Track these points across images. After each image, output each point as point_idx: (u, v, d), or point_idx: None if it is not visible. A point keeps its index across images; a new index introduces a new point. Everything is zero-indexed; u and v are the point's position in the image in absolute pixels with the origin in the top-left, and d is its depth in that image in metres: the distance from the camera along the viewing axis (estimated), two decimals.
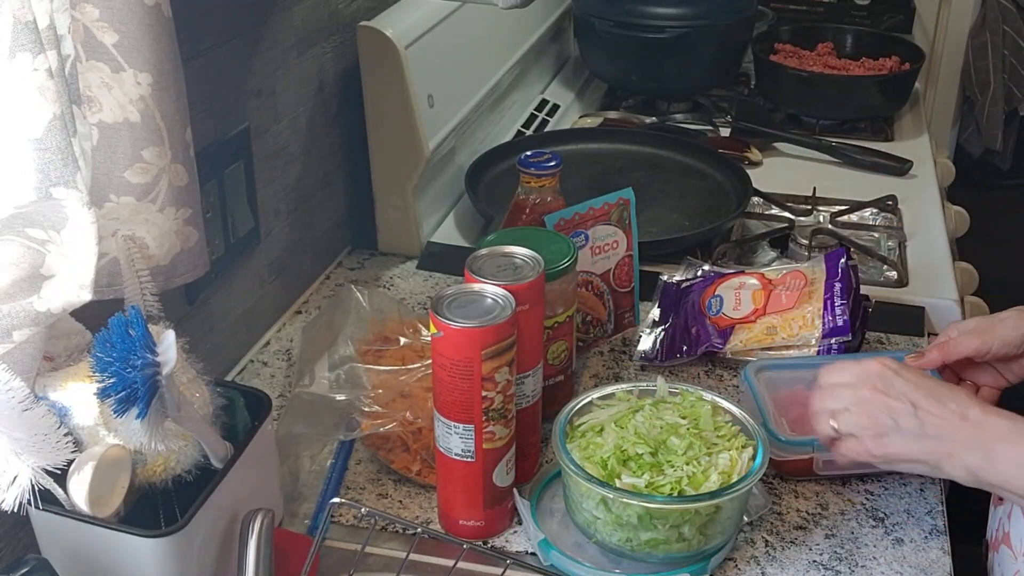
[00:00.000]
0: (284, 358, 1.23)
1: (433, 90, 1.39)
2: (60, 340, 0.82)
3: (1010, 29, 2.70)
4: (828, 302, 1.16)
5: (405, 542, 0.95)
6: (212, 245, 1.08)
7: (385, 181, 1.40)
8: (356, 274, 1.41)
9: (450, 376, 0.88)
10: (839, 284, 1.16)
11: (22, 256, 0.72)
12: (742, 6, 1.89)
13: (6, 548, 0.86)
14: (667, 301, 1.26)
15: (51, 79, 0.70)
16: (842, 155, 1.71)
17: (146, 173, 0.81)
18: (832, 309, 1.15)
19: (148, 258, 0.83)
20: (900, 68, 1.89)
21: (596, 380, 1.18)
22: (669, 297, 1.27)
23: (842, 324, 1.14)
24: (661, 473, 0.89)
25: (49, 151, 0.71)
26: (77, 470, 0.76)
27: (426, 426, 1.02)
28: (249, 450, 0.85)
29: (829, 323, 1.14)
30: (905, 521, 0.99)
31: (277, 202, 1.24)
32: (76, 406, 0.78)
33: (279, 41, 1.19)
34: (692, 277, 1.30)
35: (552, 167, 1.15)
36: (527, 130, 1.78)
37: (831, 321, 1.14)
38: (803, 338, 1.15)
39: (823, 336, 1.14)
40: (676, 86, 1.92)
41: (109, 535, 0.77)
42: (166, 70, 0.79)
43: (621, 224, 1.19)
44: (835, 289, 1.16)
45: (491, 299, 0.90)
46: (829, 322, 1.14)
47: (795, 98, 1.86)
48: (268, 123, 1.20)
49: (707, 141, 1.74)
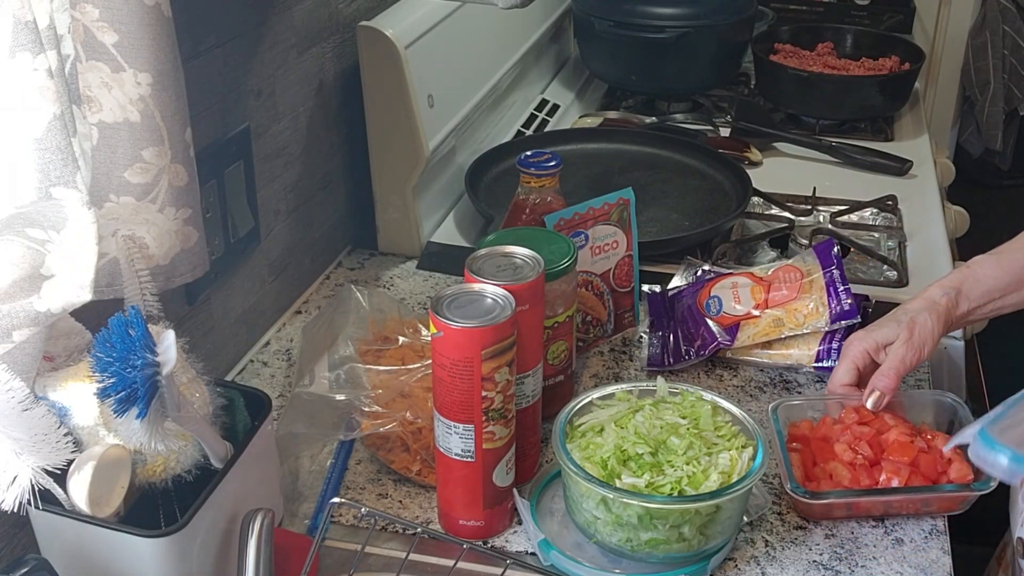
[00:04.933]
0: (284, 358, 1.23)
1: (433, 90, 1.39)
2: (60, 340, 0.82)
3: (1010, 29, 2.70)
4: (830, 288, 1.16)
5: (405, 542, 0.95)
6: (212, 245, 1.08)
7: (385, 181, 1.40)
8: (356, 274, 1.41)
9: (450, 376, 0.88)
10: (836, 271, 1.18)
11: (22, 256, 0.72)
12: (742, 6, 1.89)
13: (6, 548, 0.86)
14: (656, 309, 1.26)
15: (51, 79, 0.70)
16: (842, 155, 1.71)
17: (146, 173, 0.81)
18: (836, 295, 1.16)
19: (148, 258, 0.83)
20: (900, 68, 1.89)
21: (596, 380, 1.18)
22: (656, 306, 1.26)
23: (849, 308, 1.14)
24: (661, 473, 0.89)
25: (49, 151, 0.71)
26: (77, 470, 0.76)
27: (426, 426, 1.02)
28: (249, 450, 0.85)
29: (835, 308, 1.15)
30: (905, 521, 0.99)
31: (277, 202, 1.24)
32: (76, 406, 0.78)
33: (279, 41, 1.19)
34: (679, 285, 1.30)
35: (552, 167, 1.15)
36: (527, 130, 1.78)
37: (837, 306, 1.15)
38: (811, 326, 1.16)
39: (831, 321, 1.15)
40: (676, 86, 1.92)
41: (109, 535, 0.77)
42: (166, 70, 0.79)
43: (621, 224, 1.19)
44: (834, 275, 1.18)
45: (491, 299, 0.90)
46: (835, 307, 1.15)
47: (795, 98, 1.86)
48: (268, 123, 1.20)
49: (707, 141, 1.74)
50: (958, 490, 0.97)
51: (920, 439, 1.01)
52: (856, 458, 0.99)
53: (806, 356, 1.18)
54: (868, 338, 1.06)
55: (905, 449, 0.99)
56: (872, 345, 1.06)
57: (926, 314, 1.04)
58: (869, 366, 1.06)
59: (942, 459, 0.99)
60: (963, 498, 0.98)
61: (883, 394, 1.02)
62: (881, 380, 1.03)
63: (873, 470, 0.98)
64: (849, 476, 0.98)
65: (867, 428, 1.01)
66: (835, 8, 2.34)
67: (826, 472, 0.99)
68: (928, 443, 1.01)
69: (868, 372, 1.06)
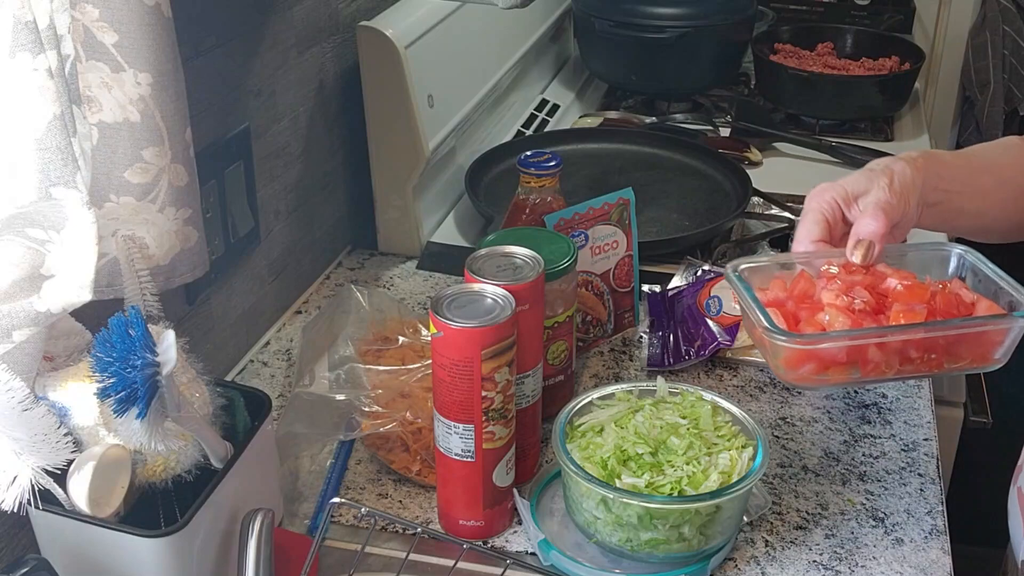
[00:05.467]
0: (284, 358, 1.23)
1: (433, 90, 1.39)
2: (60, 340, 0.82)
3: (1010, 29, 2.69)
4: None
5: (405, 542, 0.95)
6: (212, 245, 1.08)
7: (385, 181, 1.40)
8: (356, 274, 1.41)
9: (450, 376, 0.88)
10: None
11: (22, 256, 0.72)
12: (742, 6, 1.89)
13: (6, 548, 0.86)
14: (656, 309, 1.26)
15: (51, 79, 0.70)
16: (842, 155, 1.71)
17: (146, 173, 0.81)
18: None
19: (148, 258, 0.83)
20: (900, 68, 1.89)
21: (596, 380, 1.18)
22: (657, 305, 1.26)
23: None
24: (661, 473, 0.89)
25: (49, 151, 0.71)
26: (77, 470, 0.76)
27: (426, 426, 1.02)
28: (249, 450, 0.85)
29: None
30: (905, 521, 0.99)
31: (277, 202, 1.24)
32: (76, 406, 0.78)
33: (279, 41, 1.19)
34: (679, 285, 1.29)
35: (552, 167, 1.15)
36: (527, 130, 1.78)
37: None
38: None
39: None
40: (676, 86, 1.92)
41: (109, 535, 0.77)
42: (166, 70, 0.79)
43: (621, 224, 1.19)
44: None
45: (491, 299, 0.90)
46: None
47: (795, 98, 1.86)
48: (268, 123, 1.20)
49: (707, 141, 1.74)
50: (998, 321, 0.75)
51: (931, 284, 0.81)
52: (853, 303, 0.77)
53: None
54: (838, 186, 0.86)
55: (915, 292, 0.77)
56: (842, 193, 0.86)
57: (903, 163, 0.86)
58: (839, 224, 0.86)
59: (963, 302, 0.78)
60: (1005, 333, 0.74)
61: (872, 242, 0.81)
62: (867, 224, 0.82)
63: (879, 318, 0.78)
64: (849, 321, 0.77)
65: (860, 277, 0.80)
66: (835, 8, 2.34)
67: (815, 325, 0.77)
68: (944, 285, 0.80)
69: (839, 234, 0.86)
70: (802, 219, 0.85)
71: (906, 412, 1.13)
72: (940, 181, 0.88)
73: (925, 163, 0.87)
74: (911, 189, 0.84)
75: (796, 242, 0.85)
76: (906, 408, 1.14)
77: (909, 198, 0.83)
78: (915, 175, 0.85)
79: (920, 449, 1.08)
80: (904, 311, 0.75)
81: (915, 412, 1.13)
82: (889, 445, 1.08)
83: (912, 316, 0.75)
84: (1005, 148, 0.99)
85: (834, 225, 0.85)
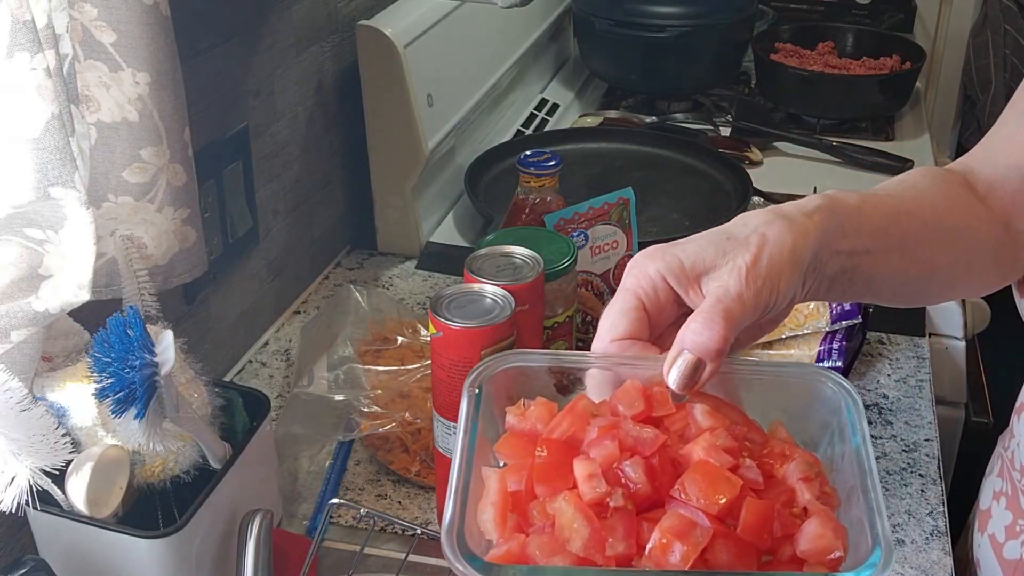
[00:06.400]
0: (283, 358, 1.23)
1: (432, 89, 1.38)
2: (58, 340, 0.82)
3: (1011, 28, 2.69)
4: None
5: (404, 543, 0.95)
6: (210, 245, 1.08)
7: (384, 181, 1.40)
8: (355, 274, 1.41)
9: (449, 376, 0.88)
10: None
11: (20, 256, 0.72)
12: (742, 5, 1.88)
13: (4, 549, 0.86)
14: None
15: (49, 78, 0.70)
16: (843, 155, 1.71)
17: (144, 173, 0.81)
18: None
19: (146, 258, 0.83)
20: (901, 67, 1.88)
21: None
22: None
23: (849, 308, 1.14)
24: None
25: (47, 151, 0.71)
26: (75, 470, 0.76)
27: (425, 426, 1.02)
28: (248, 451, 0.85)
29: (836, 308, 1.15)
30: (905, 521, 0.99)
31: (276, 202, 1.24)
32: (74, 406, 0.78)
33: (278, 40, 1.19)
34: None
35: (552, 167, 1.15)
36: (527, 130, 1.78)
37: (837, 306, 1.15)
38: (811, 326, 1.16)
39: (832, 321, 1.15)
40: (676, 85, 1.91)
41: (107, 536, 0.77)
42: (164, 69, 0.79)
43: (621, 224, 1.18)
44: None
45: (490, 299, 0.89)
46: (836, 307, 1.15)
47: (795, 98, 1.86)
48: (267, 122, 1.19)
49: (707, 141, 1.73)
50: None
51: (753, 461, 0.52)
52: (613, 495, 0.49)
53: (806, 357, 1.17)
54: (670, 255, 0.60)
55: (717, 482, 0.49)
56: (675, 267, 0.59)
57: (784, 225, 0.60)
58: (668, 309, 0.60)
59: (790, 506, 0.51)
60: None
61: (700, 361, 0.55)
62: (695, 332, 0.56)
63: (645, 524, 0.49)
64: (585, 534, 0.48)
65: (652, 432, 0.52)
66: (836, 7, 2.34)
67: (547, 515, 0.50)
68: (768, 469, 0.53)
69: (668, 321, 0.60)
70: (612, 302, 0.59)
71: (907, 413, 1.13)
72: (845, 240, 0.63)
73: (823, 219, 0.62)
74: (787, 267, 0.59)
75: (597, 336, 0.59)
76: (907, 408, 1.14)
77: (779, 281, 0.58)
78: (800, 242, 0.60)
79: (921, 450, 1.08)
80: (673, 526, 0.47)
81: (916, 413, 1.13)
82: (890, 446, 1.08)
83: (684, 533, 0.47)
84: (928, 181, 0.73)
85: (656, 313, 0.59)
